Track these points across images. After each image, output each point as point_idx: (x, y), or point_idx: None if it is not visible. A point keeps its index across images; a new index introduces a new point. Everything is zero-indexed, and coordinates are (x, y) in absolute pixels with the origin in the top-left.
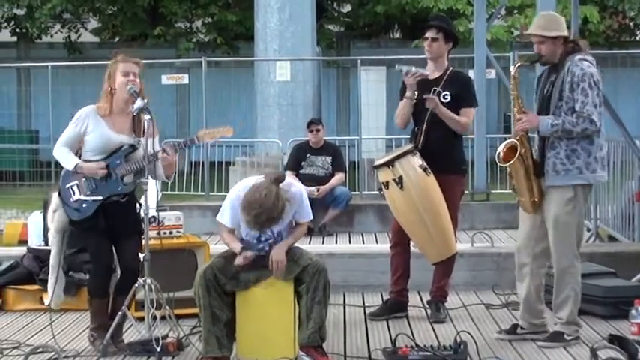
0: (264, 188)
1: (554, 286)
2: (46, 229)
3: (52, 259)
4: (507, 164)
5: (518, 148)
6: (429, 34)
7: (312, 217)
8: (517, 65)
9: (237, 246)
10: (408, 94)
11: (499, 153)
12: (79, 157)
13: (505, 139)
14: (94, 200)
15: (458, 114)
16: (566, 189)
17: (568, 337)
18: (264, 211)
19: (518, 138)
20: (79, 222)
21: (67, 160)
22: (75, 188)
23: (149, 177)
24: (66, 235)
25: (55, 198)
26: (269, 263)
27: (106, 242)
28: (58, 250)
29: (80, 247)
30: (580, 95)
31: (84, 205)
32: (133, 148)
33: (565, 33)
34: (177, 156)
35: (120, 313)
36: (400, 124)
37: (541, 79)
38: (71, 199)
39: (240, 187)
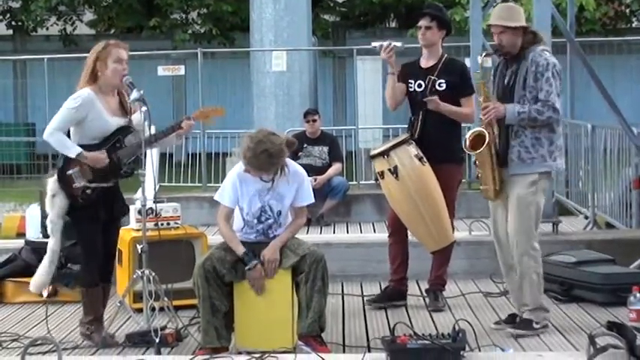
0: (261, 130)
1: (517, 271)
2: (44, 218)
3: (53, 245)
4: (476, 152)
5: (487, 137)
6: (422, 23)
7: (313, 200)
8: (484, 55)
9: (239, 248)
10: (389, 69)
11: (466, 140)
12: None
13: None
14: (96, 187)
15: (455, 102)
16: (531, 175)
17: (537, 325)
18: (269, 145)
19: (483, 126)
20: (80, 209)
21: (67, 148)
22: (77, 175)
23: (146, 167)
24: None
25: (51, 183)
26: (262, 259)
27: (99, 231)
28: (59, 237)
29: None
30: (545, 84)
31: (87, 192)
32: (128, 129)
33: (524, 23)
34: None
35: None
36: (391, 105)
37: (497, 70)
38: (74, 185)
39: (239, 166)
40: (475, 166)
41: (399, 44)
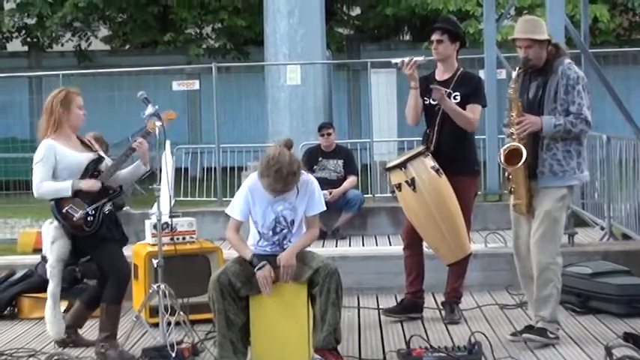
0: (276, 148)
1: (535, 283)
2: (44, 259)
3: (53, 289)
4: (513, 168)
5: (524, 152)
6: (434, 37)
7: (325, 208)
8: (519, 69)
9: (247, 252)
10: (411, 84)
11: (500, 155)
12: None
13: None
14: (94, 209)
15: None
16: (560, 188)
17: (551, 335)
18: (282, 165)
19: (517, 140)
20: (90, 236)
21: (59, 189)
22: (73, 209)
23: (162, 184)
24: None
25: (52, 230)
26: (278, 263)
27: (119, 249)
28: (59, 281)
29: (93, 257)
30: (577, 97)
31: (89, 219)
32: (100, 159)
33: (548, 36)
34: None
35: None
36: (411, 120)
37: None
38: (75, 218)
39: (251, 177)
40: (508, 180)
41: (420, 58)
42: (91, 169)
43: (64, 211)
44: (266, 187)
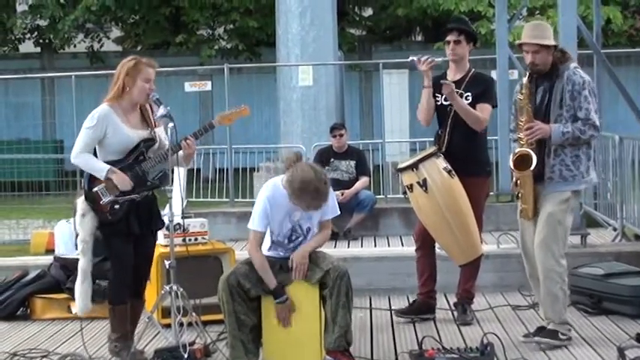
0: (298, 168)
1: (541, 286)
2: (57, 259)
3: (85, 265)
4: (522, 173)
5: (534, 158)
6: (450, 37)
7: (339, 213)
8: (529, 75)
9: (271, 281)
10: (425, 82)
11: (510, 160)
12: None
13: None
14: (124, 201)
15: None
16: (564, 191)
17: (563, 337)
18: (315, 183)
19: (526, 146)
20: (110, 224)
21: (96, 168)
22: (103, 191)
23: (173, 181)
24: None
25: (80, 203)
26: (290, 264)
27: (130, 247)
28: (90, 256)
29: (106, 255)
30: (584, 103)
31: (116, 207)
32: (152, 141)
33: (555, 42)
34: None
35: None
36: (423, 121)
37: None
38: (102, 202)
39: (268, 188)
40: (516, 186)
41: (439, 59)
42: (137, 153)
43: (94, 189)
44: (305, 208)
